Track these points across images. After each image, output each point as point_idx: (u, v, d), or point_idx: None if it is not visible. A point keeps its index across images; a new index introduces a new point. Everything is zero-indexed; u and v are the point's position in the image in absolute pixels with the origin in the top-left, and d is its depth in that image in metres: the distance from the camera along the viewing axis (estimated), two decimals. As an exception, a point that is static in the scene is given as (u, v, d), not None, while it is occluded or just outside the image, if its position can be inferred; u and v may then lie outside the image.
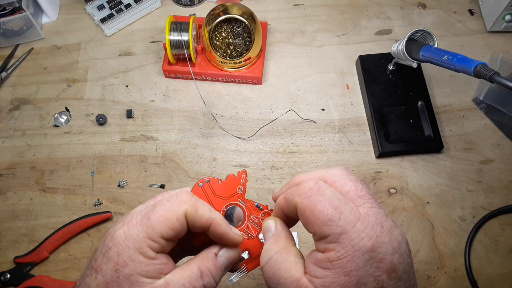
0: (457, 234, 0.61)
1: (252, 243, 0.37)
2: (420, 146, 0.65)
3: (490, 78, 0.48)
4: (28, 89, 0.72)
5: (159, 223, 0.31)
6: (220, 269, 0.33)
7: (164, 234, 0.31)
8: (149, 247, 0.30)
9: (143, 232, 0.30)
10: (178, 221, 0.31)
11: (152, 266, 0.30)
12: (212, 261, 0.32)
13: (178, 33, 0.66)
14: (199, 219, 0.32)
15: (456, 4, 0.79)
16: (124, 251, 0.30)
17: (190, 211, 0.31)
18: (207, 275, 0.31)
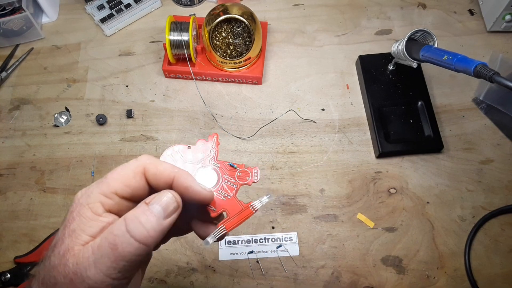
0: (457, 234, 0.61)
1: (229, 203, 0.36)
2: (420, 146, 0.65)
3: (490, 78, 0.48)
4: (28, 89, 0.72)
5: (114, 179, 0.30)
6: (152, 215, 0.29)
7: (119, 191, 0.30)
8: (101, 203, 0.30)
9: (97, 188, 0.30)
10: (135, 177, 0.31)
11: (95, 222, 0.29)
12: (140, 208, 0.29)
13: (178, 33, 0.66)
14: (160, 175, 0.31)
15: (456, 4, 0.78)
16: (76, 207, 0.30)
17: (149, 167, 0.31)
18: (133, 221, 0.28)
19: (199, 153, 0.37)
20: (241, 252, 0.60)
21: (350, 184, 0.64)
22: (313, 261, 0.59)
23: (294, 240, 0.61)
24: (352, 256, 0.60)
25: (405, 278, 0.59)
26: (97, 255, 0.27)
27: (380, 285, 0.58)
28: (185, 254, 0.60)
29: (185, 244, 0.61)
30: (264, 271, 0.59)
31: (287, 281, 0.59)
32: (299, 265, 0.59)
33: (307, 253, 0.60)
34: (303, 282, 0.58)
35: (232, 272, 0.59)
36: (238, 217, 0.35)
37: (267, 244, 0.61)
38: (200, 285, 0.58)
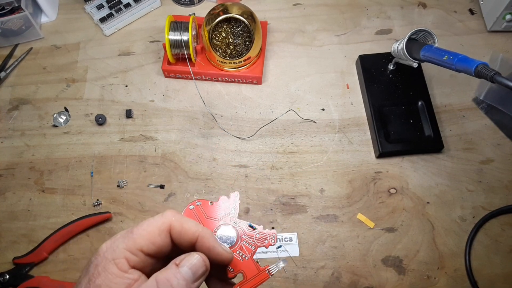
0: (457, 234, 0.61)
1: (246, 264, 0.36)
2: (420, 146, 0.65)
3: (491, 78, 0.47)
4: (27, 89, 0.72)
5: (140, 236, 0.31)
6: (182, 278, 0.30)
7: (145, 248, 0.30)
8: (126, 259, 0.30)
9: (123, 244, 0.30)
10: (160, 235, 0.31)
11: (121, 279, 0.29)
12: (171, 271, 0.30)
13: (178, 33, 0.66)
14: (185, 233, 0.32)
15: (457, 3, 0.78)
16: (101, 262, 0.30)
17: (174, 225, 0.31)
18: (165, 284, 0.29)
19: (220, 210, 0.38)
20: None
21: (350, 184, 0.64)
22: (313, 262, 0.59)
23: (294, 240, 0.61)
24: (352, 256, 0.60)
25: (406, 279, 0.59)
26: None
27: (380, 285, 0.58)
28: (184, 255, 0.60)
29: (184, 244, 0.60)
30: (264, 272, 0.59)
31: (287, 281, 0.58)
32: (299, 266, 0.59)
33: (307, 253, 0.60)
34: (303, 282, 0.58)
35: (232, 273, 0.59)
36: (254, 280, 0.35)
37: (267, 244, 0.60)
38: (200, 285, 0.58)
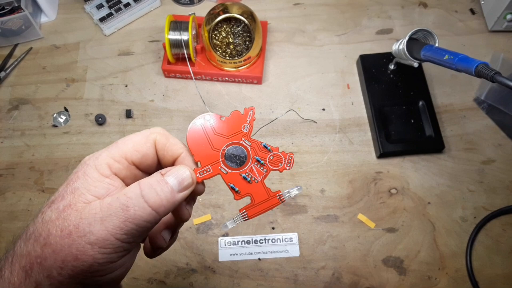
0: (458, 235, 0.61)
1: (255, 188, 0.33)
2: (421, 146, 0.65)
3: (492, 78, 0.47)
4: (27, 89, 0.71)
5: (125, 144, 0.31)
6: (166, 186, 0.29)
7: (129, 155, 0.30)
8: (108, 166, 0.30)
9: (106, 151, 0.30)
10: (146, 144, 0.31)
11: (101, 183, 0.29)
12: (156, 178, 0.29)
13: (178, 33, 0.65)
14: (170, 148, 0.32)
15: (457, 3, 0.78)
16: (82, 168, 0.30)
17: (160, 138, 0.32)
18: (148, 188, 0.28)
19: (231, 126, 0.34)
20: (240, 253, 0.60)
21: (351, 185, 0.64)
22: (314, 262, 0.59)
23: (294, 240, 0.60)
24: (352, 256, 0.60)
25: (406, 279, 0.58)
26: (105, 213, 0.27)
27: (381, 286, 0.58)
28: (184, 255, 0.60)
29: (184, 244, 0.60)
30: (264, 272, 0.59)
31: (287, 282, 0.58)
32: (299, 266, 0.59)
33: (307, 253, 0.60)
34: (304, 283, 0.58)
35: (232, 273, 0.59)
36: (263, 205, 0.33)
37: (267, 245, 0.60)
38: (200, 286, 0.58)
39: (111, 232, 0.27)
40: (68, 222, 0.27)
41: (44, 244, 0.27)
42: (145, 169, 0.32)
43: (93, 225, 0.27)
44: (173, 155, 0.32)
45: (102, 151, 0.31)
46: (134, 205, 0.27)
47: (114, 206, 0.27)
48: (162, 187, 0.29)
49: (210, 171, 0.33)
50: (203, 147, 0.33)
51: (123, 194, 0.28)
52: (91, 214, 0.27)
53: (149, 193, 0.28)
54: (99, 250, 0.27)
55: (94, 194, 0.28)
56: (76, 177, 0.29)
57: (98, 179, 0.29)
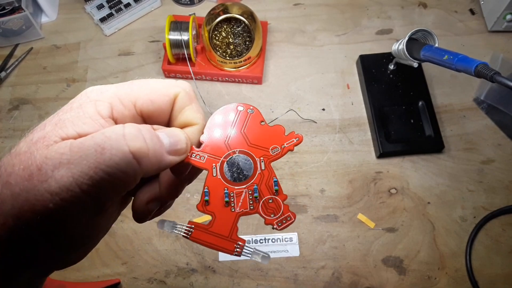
0: (458, 235, 0.61)
1: (225, 216, 0.26)
2: (421, 146, 0.65)
3: (491, 78, 0.47)
4: (27, 89, 0.72)
5: (140, 88, 0.25)
6: (158, 139, 0.24)
7: (140, 102, 0.24)
8: (111, 105, 0.24)
9: (115, 88, 0.25)
10: (165, 96, 0.25)
11: (92, 122, 0.23)
12: (146, 128, 0.24)
13: (178, 33, 0.66)
14: (189, 112, 0.26)
15: (457, 3, 0.78)
16: (80, 99, 0.24)
17: (182, 96, 0.26)
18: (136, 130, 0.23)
19: (263, 137, 0.28)
20: (241, 252, 0.60)
21: (351, 184, 0.64)
22: (314, 262, 0.59)
23: (294, 240, 0.60)
24: (352, 256, 0.60)
25: (406, 279, 0.58)
26: (74, 155, 0.21)
27: (380, 285, 0.58)
28: (184, 255, 0.60)
29: (184, 244, 0.60)
30: (264, 272, 0.59)
31: (287, 281, 0.58)
32: (299, 266, 0.59)
33: (307, 253, 0.60)
34: (303, 282, 0.58)
35: (232, 273, 0.59)
36: (215, 239, 0.26)
37: (267, 244, 0.60)
38: (200, 285, 0.58)
39: (76, 180, 0.20)
40: (32, 160, 0.21)
41: (5, 183, 0.21)
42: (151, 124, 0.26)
43: (57, 169, 0.21)
44: (186, 121, 0.26)
45: (110, 86, 0.25)
46: (112, 147, 0.21)
47: (87, 146, 0.21)
48: (152, 136, 0.23)
49: (203, 160, 0.27)
50: (219, 134, 0.28)
51: (101, 133, 0.22)
52: (58, 154, 0.21)
53: (135, 137, 0.22)
54: (60, 204, 0.20)
55: (79, 131, 0.22)
56: (69, 108, 0.24)
57: (91, 116, 0.23)
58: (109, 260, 0.60)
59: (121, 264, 0.59)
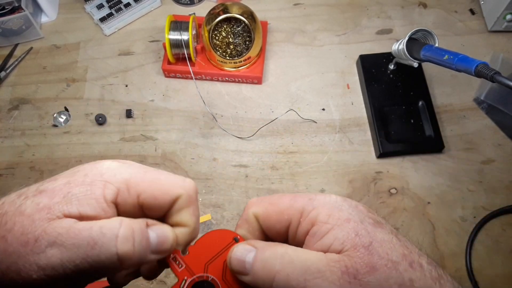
0: (458, 235, 0.61)
1: None
2: (421, 146, 0.65)
3: (491, 78, 0.47)
4: (27, 88, 0.72)
5: (150, 182, 0.26)
6: (146, 242, 0.25)
7: (142, 197, 0.26)
8: (117, 191, 0.25)
9: (127, 174, 0.26)
10: (168, 196, 0.26)
11: (96, 205, 0.24)
12: (140, 226, 0.25)
13: (178, 33, 0.65)
14: (187, 214, 0.27)
15: (457, 3, 0.78)
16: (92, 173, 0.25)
17: (184, 198, 0.27)
18: (129, 233, 0.24)
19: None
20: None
21: (351, 184, 0.64)
22: (314, 262, 0.59)
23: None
24: (352, 256, 0.60)
25: (406, 279, 0.58)
26: (69, 240, 0.23)
27: (380, 285, 0.58)
28: (184, 255, 0.60)
29: (184, 244, 0.60)
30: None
31: (287, 281, 0.58)
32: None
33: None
34: (303, 282, 0.58)
35: (232, 273, 0.59)
36: None
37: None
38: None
39: (63, 263, 0.22)
40: (33, 228, 0.23)
41: (1, 236, 0.23)
42: (145, 212, 0.27)
43: (51, 247, 0.22)
44: (180, 222, 0.27)
45: (126, 168, 0.26)
46: (103, 245, 0.23)
47: (82, 237, 0.23)
48: (141, 240, 0.25)
49: (180, 268, 0.28)
50: (206, 251, 0.28)
51: (98, 227, 0.23)
52: (56, 233, 0.23)
53: (126, 240, 0.24)
54: (43, 278, 0.22)
55: (81, 212, 0.24)
56: (81, 180, 0.25)
57: (97, 199, 0.24)
58: (109, 260, 0.60)
59: (121, 264, 0.59)
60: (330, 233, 0.24)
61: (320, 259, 0.24)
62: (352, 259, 0.23)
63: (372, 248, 0.23)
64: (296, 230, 0.26)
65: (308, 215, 0.25)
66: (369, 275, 0.23)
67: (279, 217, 0.27)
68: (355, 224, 0.24)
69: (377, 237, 0.24)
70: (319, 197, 0.26)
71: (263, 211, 0.28)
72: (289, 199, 0.27)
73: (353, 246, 0.23)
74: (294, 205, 0.26)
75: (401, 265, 0.24)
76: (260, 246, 0.26)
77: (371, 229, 0.24)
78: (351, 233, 0.24)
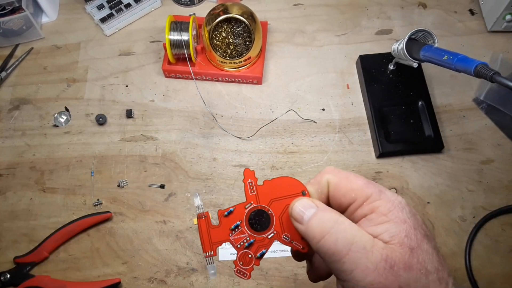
0: (458, 234, 0.61)
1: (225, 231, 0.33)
2: (421, 146, 0.65)
3: (491, 78, 0.47)
4: (27, 89, 0.72)
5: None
6: None
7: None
8: None
9: None
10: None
11: None
12: None
13: (178, 33, 0.66)
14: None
15: (457, 3, 0.78)
16: None
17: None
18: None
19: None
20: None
21: (350, 184, 0.64)
22: (313, 261, 0.59)
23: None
24: (352, 256, 0.60)
25: (406, 278, 0.59)
26: None
27: (380, 285, 0.58)
28: (185, 254, 0.60)
29: (185, 244, 0.61)
30: (264, 271, 0.59)
31: (287, 281, 0.58)
32: (299, 265, 0.59)
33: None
34: (303, 282, 0.58)
35: (232, 273, 0.59)
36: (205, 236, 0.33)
37: (267, 244, 0.60)
38: (200, 285, 0.58)
39: None
40: None
41: None
42: None
43: None
44: None
45: None
46: None
47: None
48: None
49: (251, 192, 0.33)
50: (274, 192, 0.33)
51: None
52: None
53: None
54: None
55: None
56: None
57: None
58: (110, 260, 0.60)
59: (122, 263, 0.60)
60: (385, 225, 0.27)
61: (368, 240, 0.27)
62: (394, 252, 0.26)
63: (414, 252, 0.26)
64: (356, 209, 0.29)
65: (372, 203, 0.29)
66: (404, 271, 0.26)
67: (348, 192, 0.30)
68: (409, 227, 0.27)
69: (422, 245, 0.27)
70: (388, 192, 0.29)
71: (337, 181, 0.31)
72: (363, 182, 0.30)
73: (399, 243, 0.26)
74: (364, 189, 0.29)
75: (432, 276, 0.26)
76: (322, 207, 0.29)
77: (420, 237, 0.27)
78: (402, 233, 0.27)
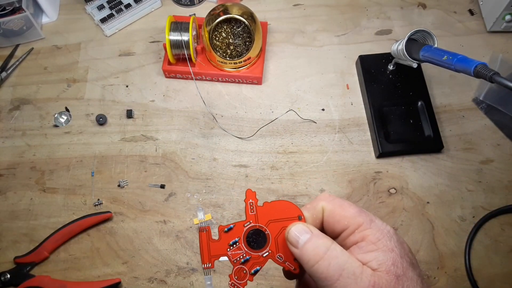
0: (457, 234, 0.61)
1: (224, 245, 0.35)
2: (420, 146, 0.65)
3: (490, 78, 0.48)
4: (28, 89, 0.72)
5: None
6: None
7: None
8: None
9: None
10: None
11: None
12: None
13: (178, 33, 0.66)
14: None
15: (456, 4, 0.78)
16: None
17: None
18: None
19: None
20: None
21: (350, 184, 0.64)
22: (313, 261, 0.59)
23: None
24: (352, 256, 0.60)
25: (405, 278, 0.59)
26: None
27: (380, 285, 0.58)
28: (185, 254, 0.60)
29: (185, 244, 0.61)
30: (264, 271, 0.59)
31: (287, 281, 0.58)
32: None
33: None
34: (303, 282, 0.58)
35: (232, 272, 0.59)
36: (205, 248, 0.35)
37: (267, 244, 0.60)
38: (200, 285, 0.58)
39: None
40: None
41: None
42: None
43: None
44: None
45: None
46: None
47: None
48: None
49: (251, 212, 0.35)
50: (272, 214, 0.35)
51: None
52: None
53: None
54: None
55: None
56: None
57: None
58: (110, 260, 0.60)
59: (122, 263, 0.60)
60: (374, 253, 0.29)
61: (357, 266, 0.29)
62: (381, 279, 0.28)
63: (400, 279, 0.28)
64: (348, 236, 0.31)
65: (363, 231, 0.30)
66: None
67: (341, 219, 0.32)
68: (396, 256, 0.29)
69: (407, 273, 0.29)
70: (378, 222, 0.31)
71: (331, 208, 0.32)
72: (355, 211, 0.31)
73: (386, 271, 0.28)
74: (357, 218, 0.31)
75: None
76: (316, 233, 0.31)
77: (406, 266, 0.29)
78: (389, 261, 0.29)
